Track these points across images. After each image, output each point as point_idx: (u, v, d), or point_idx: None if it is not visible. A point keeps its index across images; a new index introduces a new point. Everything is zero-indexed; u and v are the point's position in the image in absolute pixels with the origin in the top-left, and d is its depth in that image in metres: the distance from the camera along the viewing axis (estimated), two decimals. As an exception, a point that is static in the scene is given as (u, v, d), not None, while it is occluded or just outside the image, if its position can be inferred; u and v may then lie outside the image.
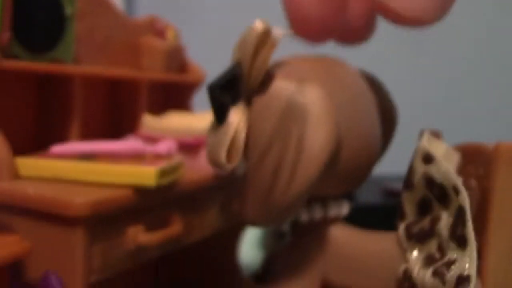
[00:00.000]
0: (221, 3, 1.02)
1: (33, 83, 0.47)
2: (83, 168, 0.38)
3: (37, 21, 0.43)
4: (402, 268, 0.30)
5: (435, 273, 0.28)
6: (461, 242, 0.28)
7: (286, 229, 0.35)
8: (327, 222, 0.32)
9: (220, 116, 0.27)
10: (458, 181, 0.28)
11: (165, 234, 0.40)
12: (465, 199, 0.28)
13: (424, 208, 0.32)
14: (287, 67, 0.28)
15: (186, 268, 0.61)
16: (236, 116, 0.26)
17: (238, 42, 0.28)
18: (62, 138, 0.46)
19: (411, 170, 0.32)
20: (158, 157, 0.43)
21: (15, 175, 0.38)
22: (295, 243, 0.33)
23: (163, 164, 0.39)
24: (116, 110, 0.55)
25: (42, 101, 0.47)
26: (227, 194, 0.50)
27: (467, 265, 0.27)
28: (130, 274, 0.40)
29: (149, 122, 0.50)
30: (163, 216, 0.41)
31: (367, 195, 0.71)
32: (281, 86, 0.27)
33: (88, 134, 0.48)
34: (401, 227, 0.32)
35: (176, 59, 0.60)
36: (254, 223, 0.28)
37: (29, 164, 0.39)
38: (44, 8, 0.44)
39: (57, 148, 0.41)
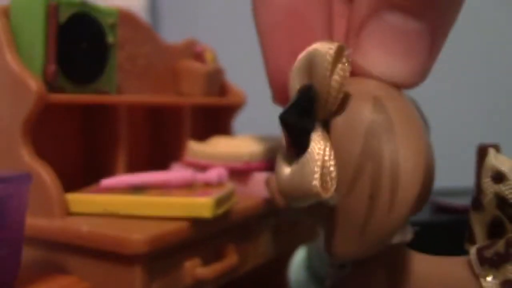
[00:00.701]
0: (252, 23, 1.00)
1: (78, 116, 0.46)
2: (136, 202, 0.37)
3: (80, 52, 0.42)
4: None
5: None
6: None
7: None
8: (392, 249, 0.30)
9: (301, 143, 0.25)
10: None
11: (221, 266, 0.38)
12: None
13: (496, 230, 0.29)
14: (354, 86, 0.26)
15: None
16: (320, 141, 0.24)
17: (302, 65, 0.26)
18: (109, 169, 0.45)
19: (479, 190, 0.29)
20: (209, 185, 0.42)
21: (67, 212, 0.37)
22: (358, 273, 0.31)
23: (217, 194, 0.37)
24: (160, 138, 0.54)
25: (88, 133, 0.46)
26: (279, 220, 0.48)
27: None
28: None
29: (195, 148, 0.49)
30: (218, 247, 0.40)
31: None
32: (361, 104, 0.25)
33: (134, 164, 0.47)
34: (472, 251, 0.29)
35: (216, 81, 0.59)
36: (344, 257, 0.26)
37: (80, 200, 0.38)
38: (86, 38, 0.43)
39: (107, 182, 0.40)
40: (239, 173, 0.46)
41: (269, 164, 0.46)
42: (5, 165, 0.38)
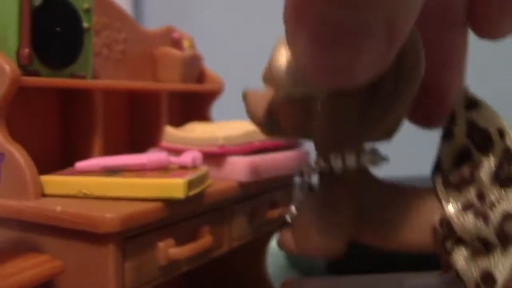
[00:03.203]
0: (231, 12, 1.01)
1: (54, 100, 0.46)
2: (109, 183, 0.37)
3: (55, 36, 0.42)
4: (438, 217, 0.28)
5: (477, 215, 0.26)
6: (506, 184, 0.26)
7: (314, 181, 0.32)
8: (356, 172, 0.29)
9: None
10: (504, 123, 0.27)
11: (195, 247, 0.39)
12: None
13: (463, 159, 0.30)
14: None
15: (214, 278, 0.60)
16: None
17: None
18: (85, 153, 0.45)
19: (451, 117, 0.30)
20: (183, 168, 0.42)
21: (41, 194, 0.38)
22: (323, 194, 0.30)
23: (190, 175, 0.38)
24: (137, 124, 0.54)
25: (64, 117, 0.47)
26: (255, 204, 0.49)
27: None
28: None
29: (171, 133, 0.49)
30: (192, 228, 0.40)
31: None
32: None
33: (110, 149, 0.47)
34: (438, 178, 0.30)
35: (194, 68, 0.60)
36: None
37: (54, 182, 0.38)
38: (61, 22, 0.43)
39: (81, 164, 0.40)
40: (215, 157, 0.47)
41: (244, 148, 0.46)
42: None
